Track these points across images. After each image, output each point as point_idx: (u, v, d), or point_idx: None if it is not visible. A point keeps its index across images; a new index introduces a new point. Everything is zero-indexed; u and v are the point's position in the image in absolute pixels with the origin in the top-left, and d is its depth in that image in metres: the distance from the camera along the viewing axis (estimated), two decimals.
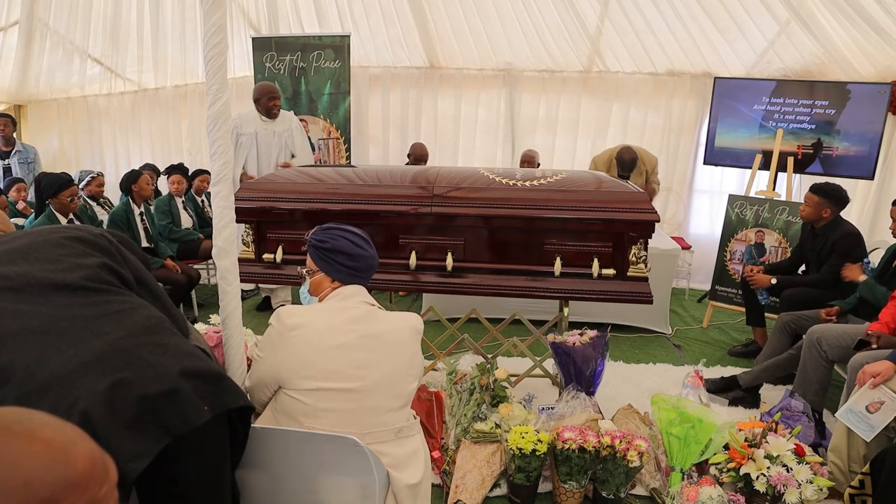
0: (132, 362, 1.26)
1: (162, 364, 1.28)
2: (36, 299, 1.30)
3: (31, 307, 1.28)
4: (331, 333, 1.65)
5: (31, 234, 1.46)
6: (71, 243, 1.45)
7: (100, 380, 1.20)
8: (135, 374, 1.24)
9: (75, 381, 1.20)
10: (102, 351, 1.25)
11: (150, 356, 1.29)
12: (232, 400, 1.37)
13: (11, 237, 1.45)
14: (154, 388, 1.24)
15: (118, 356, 1.25)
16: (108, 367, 1.23)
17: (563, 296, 2.76)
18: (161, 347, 1.32)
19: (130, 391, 1.21)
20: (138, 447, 1.19)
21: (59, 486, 0.73)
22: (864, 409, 2.30)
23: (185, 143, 6.49)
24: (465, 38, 5.69)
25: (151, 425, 1.22)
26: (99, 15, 5.56)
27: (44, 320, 1.26)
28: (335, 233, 1.82)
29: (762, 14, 4.75)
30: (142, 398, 1.22)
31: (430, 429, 2.65)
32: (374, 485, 1.55)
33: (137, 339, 1.30)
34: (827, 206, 3.51)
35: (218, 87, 1.64)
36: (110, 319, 1.31)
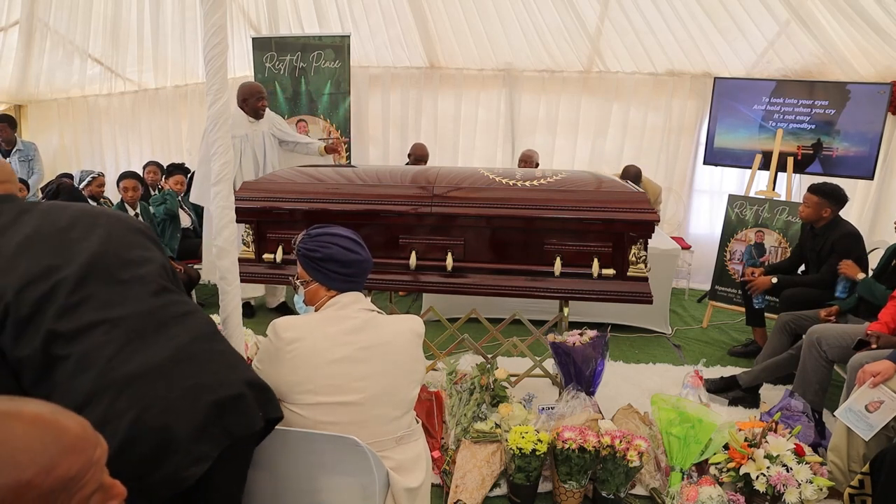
0: (201, 369, 1.31)
1: (226, 371, 1.35)
2: (117, 288, 1.33)
3: (112, 295, 1.32)
4: (329, 347, 1.60)
5: (96, 214, 1.46)
6: (138, 236, 1.48)
7: (173, 385, 1.25)
8: (204, 380, 1.30)
9: (152, 383, 1.24)
10: (174, 355, 1.30)
11: (215, 364, 1.35)
12: (276, 410, 1.44)
13: (74, 211, 1.44)
14: (223, 393, 1.29)
15: (188, 362, 1.31)
16: (179, 372, 1.28)
17: (563, 296, 2.77)
18: (220, 354, 1.39)
19: (201, 397, 1.26)
20: (202, 451, 1.24)
21: (57, 451, 0.75)
22: (863, 408, 2.30)
23: (185, 143, 6.49)
24: (465, 38, 5.69)
25: (216, 429, 1.27)
26: (99, 15, 5.56)
27: (124, 312, 1.30)
28: (325, 240, 1.74)
29: (762, 14, 4.75)
30: (213, 404, 1.27)
31: (430, 429, 2.65)
32: (374, 485, 1.54)
33: (202, 345, 1.36)
34: (826, 206, 3.51)
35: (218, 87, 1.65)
36: (178, 323, 1.36)
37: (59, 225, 1.38)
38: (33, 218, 1.38)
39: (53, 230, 1.36)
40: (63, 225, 1.38)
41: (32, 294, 1.25)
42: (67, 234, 1.38)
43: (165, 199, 4.80)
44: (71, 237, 1.37)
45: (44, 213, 1.41)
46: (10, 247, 1.30)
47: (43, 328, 1.23)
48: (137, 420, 1.19)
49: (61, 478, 0.75)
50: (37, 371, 1.23)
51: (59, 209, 1.45)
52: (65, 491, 0.75)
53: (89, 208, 1.50)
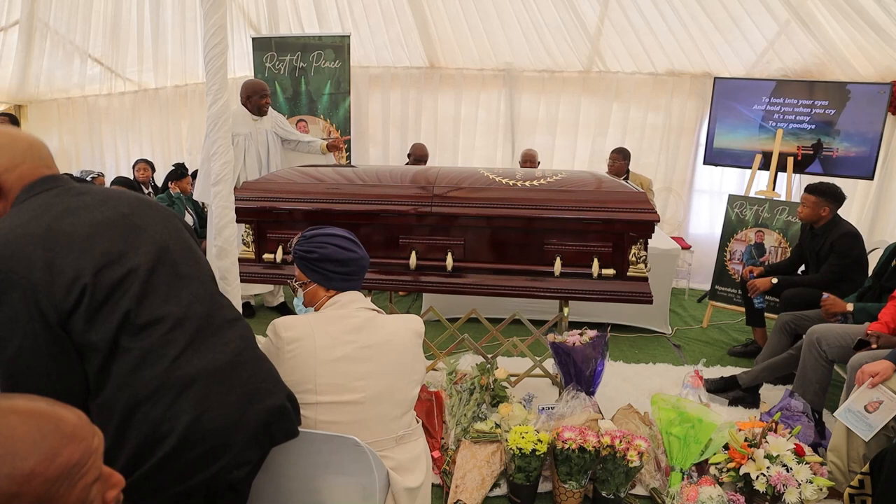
0: (253, 377, 1.34)
1: (272, 381, 1.40)
2: (179, 283, 1.34)
3: (177, 290, 1.33)
4: (330, 346, 1.61)
5: (149, 203, 1.45)
6: (187, 230, 1.49)
7: (231, 390, 1.28)
8: (256, 387, 1.33)
9: (212, 386, 1.26)
10: (232, 360, 1.32)
11: (263, 372, 1.39)
12: (301, 420, 1.49)
13: (130, 198, 1.42)
14: (271, 402, 1.34)
15: (243, 368, 1.33)
16: (237, 378, 1.31)
17: (563, 296, 2.77)
18: (265, 363, 1.43)
19: (254, 404, 1.30)
20: (248, 455, 1.28)
21: (57, 439, 0.76)
22: (862, 408, 2.30)
23: (185, 143, 6.49)
24: (465, 38, 5.69)
25: (263, 436, 1.32)
26: (99, 15, 5.56)
27: (188, 310, 1.31)
28: (321, 240, 1.74)
29: (762, 14, 4.75)
30: (264, 411, 1.31)
31: (430, 429, 2.65)
32: (374, 484, 1.55)
33: (250, 353, 1.39)
34: (825, 205, 3.52)
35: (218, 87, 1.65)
36: (231, 328, 1.39)
37: (122, 210, 1.35)
38: (96, 200, 1.34)
39: (118, 215, 1.33)
40: (126, 211, 1.35)
41: (109, 278, 1.22)
42: (131, 219, 1.35)
43: (173, 202, 4.80)
44: (136, 223, 1.35)
45: (105, 196, 1.38)
46: (84, 227, 1.26)
47: (117, 315, 1.21)
48: (196, 421, 1.21)
49: (64, 465, 0.76)
50: (103, 357, 1.21)
51: (117, 194, 1.42)
52: (68, 479, 0.76)
53: (143, 197, 1.49)
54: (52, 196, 1.30)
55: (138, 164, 5.46)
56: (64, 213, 1.27)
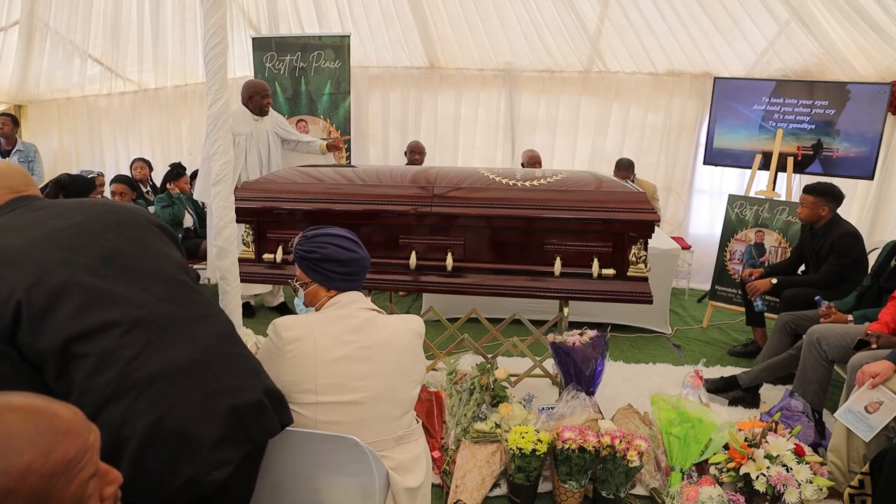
0: (222, 373, 1.31)
1: (248, 376, 1.35)
2: (135, 285, 1.32)
3: (132, 292, 1.30)
4: (330, 346, 1.61)
5: (111, 208, 1.46)
6: (154, 228, 1.48)
7: (195, 388, 1.24)
8: (226, 384, 1.29)
9: (173, 385, 1.23)
10: (196, 357, 1.29)
11: (237, 368, 1.35)
12: (289, 417, 1.46)
13: (90, 207, 1.44)
14: (245, 399, 1.30)
15: (210, 365, 1.30)
16: (202, 375, 1.27)
17: (563, 296, 2.77)
18: (242, 359, 1.39)
19: (222, 401, 1.26)
20: (224, 456, 1.23)
21: (52, 435, 0.76)
22: (862, 409, 2.30)
23: (185, 143, 6.49)
24: (465, 38, 5.69)
25: (238, 434, 1.27)
26: (99, 15, 5.56)
27: (145, 310, 1.29)
28: (322, 240, 1.74)
29: (762, 14, 4.75)
30: (233, 408, 1.27)
31: (430, 429, 2.65)
32: (374, 485, 1.55)
33: (223, 348, 1.36)
34: (823, 205, 3.52)
35: (218, 87, 1.65)
36: (200, 323, 1.36)
37: (76, 219, 1.36)
38: (52, 213, 1.37)
39: (70, 224, 1.35)
40: (80, 219, 1.37)
41: (44, 290, 1.22)
42: (84, 227, 1.36)
43: (173, 203, 4.80)
44: (87, 230, 1.35)
45: (64, 209, 1.40)
46: (21, 243, 1.28)
47: (60, 324, 1.21)
48: (157, 423, 1.18)
49: (59, 461, 0.76)
50: (57, 366, 1.21)
51: (79, 205, 1.44)
52: (64, 474, 0.76)
53: (109, 203, 1.51)
54: (7, 217, 1.36)
55: (135, 163, 5.47)
56: (6, 230, 1.31)
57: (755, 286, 3.70)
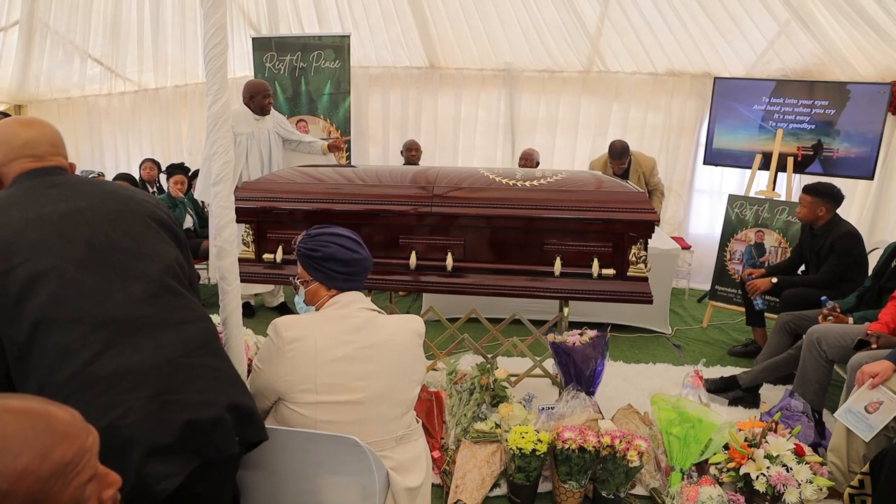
0: (185, 385, 1.28)
1: (212, 391, 1.32)
2: (115, 283, 1.31)
3: (111, 290, 1.29)
4: (330, 346, 1.61)
5: (119, 197, 1.44)
6: (154, 225, 1.45)
7: (153, 397, 1.22)
8: (186, 397, 1.26)
9: (131, 389, 1.21)
10: (160, 365, 1.26)
11: (202, 381, 1.31)
12: (258, 434, 1.42)
13: (99, 191, 1.43)
14: (203, 415, 1.26)
15: (174, 375, 1.27)
16: (162, 384, 1.25)
17: (563, 296, 2.77)
18: (210, 371, 1.35)
19: (179, 414, 1.23)
20: (171, 468, 1.20)
21: (49, 437, 0.76)
22: (862, 409, 2.30)
23: (185, 143, 6.49)
24: (465, 38, 5.69)
25: (186, 449, 1.24)
26: (99, 15, 5.56)
27: (117, 312, 1.27)
28: (325, 239, 1.75)
29: (762, 14, 4.75)
30: (188, 423, 1.23)
31: (430, 429, 2.65)
32: (374, 484, 1.55)
33: (193, 358, 1.33)
34: (821, 205, 3.52)
35: (218, 87, 1.65)
36: (173, 330, 1.33)
37: (79, 204, 1.36)
38: (59, 194, 1.36)
39: (71, 209, 1.34)
40: (83, 205, 1.36)
41: (21, 275, 1.23)
42: (84, 214, 1.35)
43: (176, 205, 4.80)
44: (88, 218, 1.35)
45: (71, 190, 1.38)
46: (16, 222, 1.28)
47: (31, 313, 1.21)
48: (108, 427, 1.16)
49: (57, 463, 0.75)
50: (20, 349, 1.21)
51: (88, 187, 1.43)
52: (62, 477, 0.76)
53: (120, 191, 1.48)
54: (18, 189, 1.36)
55: (145, 164, 5.46)
56: (8, 207, 1.31)
57: (755, 285, 3.70)
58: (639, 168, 4.78)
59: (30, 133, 1.43)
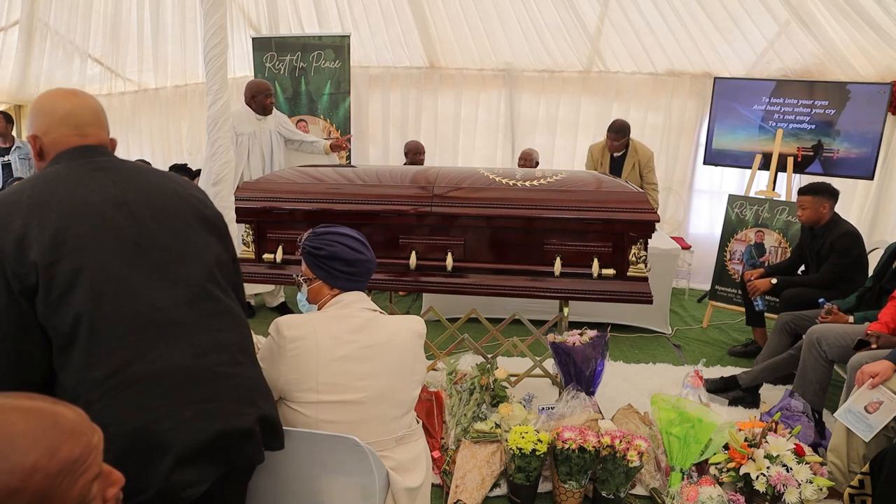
0: (220, 394, 1.27)
1: (245, 403, 1.31)
2: (157, 284, 1.28)
3: (152, 290, 1.27)
4: (332, 345, 1.61)
5: (165, 191, 1.40)
6: (197, 224, 1.41)
7: (189, 404, 1.22)
8: (220, 406, 1.26)
9: (167, 394, 1.21)
10: (198, 372, 1.26)
11: (238, 391, 1.31)
12: (279, 444, 1.44)
13: (147, 181, 1.39)
14: (235, 425, 1.27)
15: (210, 383, 1.27)
16: (198, 391, 1.25)
17: (563, 296, 2.77)
18: (245, 380, 1.35)
19: (212, 423, 1.23)
20: (199, 475, 1.21)
21: (57, 435, 0.77)
22: (862, 409, 2.30)
23: (185, 143, 6.49)
24: (465, 38, 5.69)
25: (218, 457, 1.25)
26: (99, 15, 5.56)
27: (159, 316, 1.26)
28: (330, 238, 1.75)
29: (762, 14, 4.75)
30: (221, 433, 1.24)
31: (430, 429, 2.65)
32: (374, 484, 1.55)
33: (229, 367, 1.32)
34: (823, 202, 3.52)
35: (218, 87, 1.65)
36: (211, 337, 1.32)
37: (127, 196, 1.32)
38: (107, 179, 1.32)
39: (118, 200, 1.30)
40: (131, 197, 1.32)
41: (62, 269, 1.20)
42: (131, 208, 1.31)
43: None
44: (134, 213, 1.31)
45: (119, 176, 1.35)
46: (68, 205, 1.25)
47: (71, 309, 1.19)
48: (143, 429, 1.17)
49: (64, 461, 0.76)
50: (61, 342, 1.20)
51: (136, 175, 1.38)
52: (70, 474, 0.76)
53: (168, 182, 1.43)
54: (65, 168, 1.32)
55: None
56: (55, 188, 1.27)
57: (755, 286, 3.70)
58: (635, 155, 4.71)
59: (73, 103, 1.39)
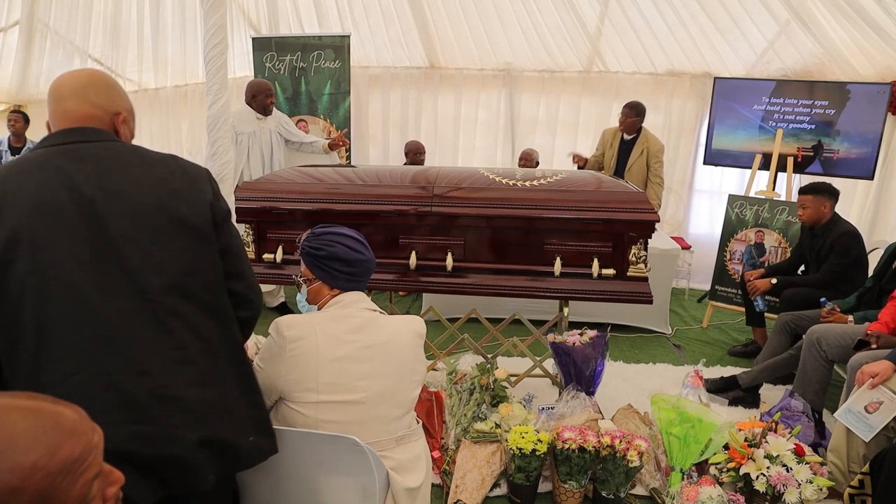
0: (156, 417, 1.21)
1: (187, 426, 1.23)
2: (111, 293, 1.21)
3: (102, 301, 1.20)
4: (332, 345, 1.61)
5: (145, 188, 1.30)
6: (173, 230, 1.30)
7: (124, 424, 1.17)
8: (158, 431, 1.21)
9: (105, 412, 1.14)
10: (135, 391, 1.20)
11: (178, 415, 1.23)
12: (246, 464, 1.36)
13: (129, 174, 1.30)
14: (167, 452, 1.21)
15: (147, 406, 1.20)
16: (132, 414, 1.19)
17: (563, 296, 2.77)
18: (198, 404, 1.26)
19: (143, 448, 1.19)
20: (140, 493, 1.18)
21: (57, 434, 0.77)
22: (862, 409, 2.30)
23: (185, 143, 6.49)
24: (465, 38, 5.69)
25: (154, 479, 1.21)
26: (99, 15, 5.56)
27: (103, 328, 1.20)
28: (330, 238, 1.75)
29: (762, 14, 4.75)
30: (154, 458, 1.20)
31: (430, 429, 2.65)
32: (374, 485, 1.55)
33: (176, 390, 1.24)
34: (824, 201, 3.52)
35: (218, 87, 1.65)
36: (160, 353, 1.24)
37: (95, 194, 1.24)
38: (84, 172, 1.25)
39: (87, 198, 1.23)
40: (98, 195, 1.24)
41: (21, 269, 1.17)
42: (95, 206, 1.24)
43: None
44: (97, 212, 1.23)
45: (101, 167, 1.27)
46: (30, 206, 1.20)
47: (26, 309, 1.16)
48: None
49: (65, 460, 0.76)
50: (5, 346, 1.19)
51: (117, 166, 1.29)
52: (70, 474, 0.77)
53: (151, 177, 1.32)
54: (43, 155, 1.28)
55: None
56: (25, 180, 1.23)
57: (755, 286, 3.70)
58: (646, 142, 4.68)
59: (60, 79, 1.34)
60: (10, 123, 5.33)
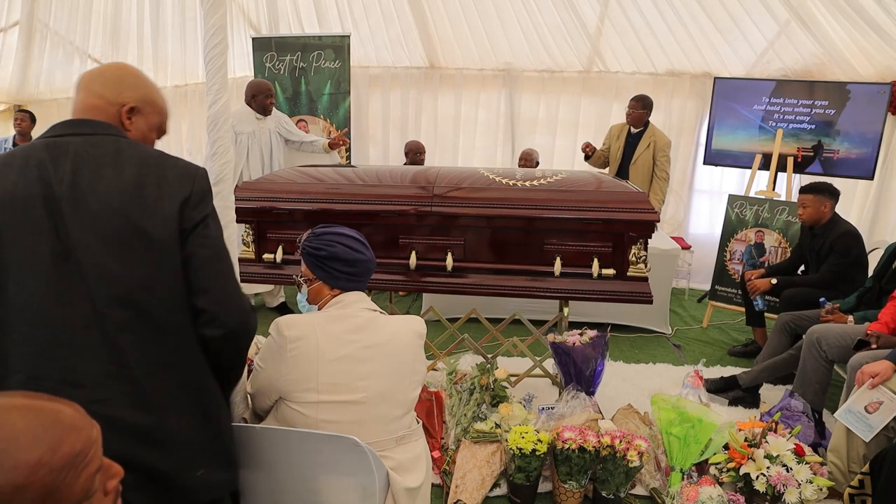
0: None
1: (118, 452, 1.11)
2: (61, 297, 1.17)
3: (50, 304, 1.17)
4: (332, 345, 1.61)
5: (108, 196, 1.21)
6: (131, 240, 1.21)
7: None
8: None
9: None
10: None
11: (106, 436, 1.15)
12: (190, 499, 1.27)
13: (104, 177, 1.22)
14: None
15: None
16: None
17: (563, 296, 2.77)
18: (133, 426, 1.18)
19: None
20: None
21: (58, 430, 0.78)
22: (862, 409, 2.30)
23: (185, 143, 6.49)
24: (465, 38, 5.69)
25: None
26: (99, 15, 5.56)
27: (48, 331, 1.16)
28: (330, 238, 1.75)
29: (762, 14, 4.75)
30: None
31: (430, 429, 2.65)
32: (374, 485, 1.55)
33: (109, 408, 1.16)
34: (825, 201, 3.52)
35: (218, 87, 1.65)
36: (100, 367, 1.17)
37: (59, 194, 1.18)
38: (57, 168, 1.20)
39: (48, 196, 1.18)
40: (65, 195, 1.18)
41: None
42: (59, 206, 1.18)
43: None
44: (62, 213, 1.18)
45: (74, 165, 1.21)
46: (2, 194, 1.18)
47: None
48: None
49: (67, 455, 0.78)
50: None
51: (93, 165, 1.22)
52: (73, 468, 0.78)
53: (120, 182, 1.22)
54: (34, 146, 1.26)
55: None
56: (9, 172, 1.21)
57: (755, 285, 3.70)
58: (653, 136, 4.64)
59: (96, 71, 1.32)
60: (17, 123, 5.35)
